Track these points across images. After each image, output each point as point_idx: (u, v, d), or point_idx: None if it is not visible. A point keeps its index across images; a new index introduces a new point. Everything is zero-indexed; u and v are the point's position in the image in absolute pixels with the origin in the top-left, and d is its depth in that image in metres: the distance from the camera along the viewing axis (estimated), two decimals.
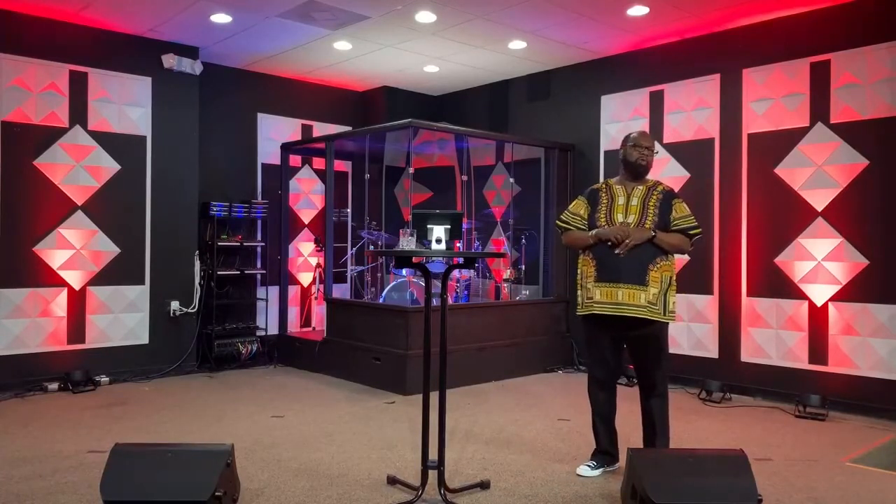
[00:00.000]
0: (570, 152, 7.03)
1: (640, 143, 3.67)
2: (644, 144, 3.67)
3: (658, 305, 3.50)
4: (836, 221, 5.25)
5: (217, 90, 7.04)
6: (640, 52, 6.49)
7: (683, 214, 3.62)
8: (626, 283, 3.49)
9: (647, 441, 3.71)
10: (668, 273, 3.55)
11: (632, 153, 3.67)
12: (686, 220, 3.61)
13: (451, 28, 5.95)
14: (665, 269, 3.54)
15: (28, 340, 5.70)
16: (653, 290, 3.48)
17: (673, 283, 3.58)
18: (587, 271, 3.66)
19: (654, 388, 3.64)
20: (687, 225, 3.60)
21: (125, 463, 3.01)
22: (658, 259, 3.52)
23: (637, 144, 3.67)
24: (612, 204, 3.65)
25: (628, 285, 3.49)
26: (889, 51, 5.03)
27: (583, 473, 3.68)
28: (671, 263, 3.59)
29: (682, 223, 3.59)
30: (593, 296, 3.59)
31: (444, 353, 3.40)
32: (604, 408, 3.74)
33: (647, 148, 3.66)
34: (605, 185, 3.76)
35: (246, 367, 6.83)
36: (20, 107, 5.65)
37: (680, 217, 3.60)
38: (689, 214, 3.64)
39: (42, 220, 5.77)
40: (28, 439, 4.28)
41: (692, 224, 3.61)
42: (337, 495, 3.36)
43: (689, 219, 3.62)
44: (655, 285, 3.49)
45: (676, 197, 3.68)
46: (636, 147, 3.66)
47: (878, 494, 3.47)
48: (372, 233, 7.04)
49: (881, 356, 5.03)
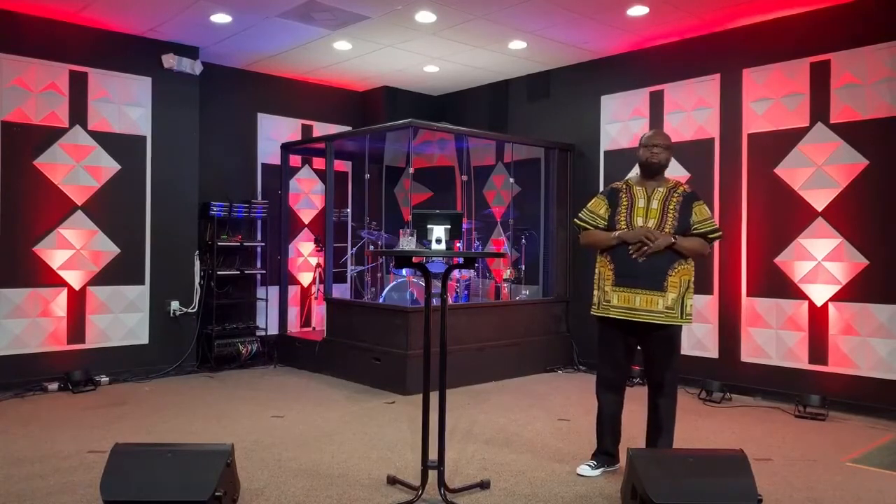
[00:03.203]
0: (570, 152, 7.03)
1: (650, 143, 3.63)
2: (654, 143, 3.62)
3: (675, 310, 3.49)
4: (836, 221, 5.25)
5: (217, 90, 7.04)
6: (640, 52, 6.49)
7: (703, 218, 3.57)
8: (644, 289, 3.47)
9: (650, 439, 3.70)
10: (686, 277, 3.53)
11: (643, 153, 3.65)
12: (705, 224, 3.56)
13: (451, 28, 5.95)
14: (684, 274, 3.51)
15: (28, 340, 5.69)
16: (671, 295, 3.46)
17: (691, 287, 3.56)
18: (605, 273, 3.62)
19: (663, 388, 3.62)
20: (706, 229, 3.55)
21: (125, 463, 3.01)
22: (676, 264, 3.49)
23: (647, 144, 3.64)
24: (632, 206, 3.60)
25: (646, 291, 3.47)
26: (889, 51, 5.03)
27: (583, 473, 3.68)
28: (690, 267, 3.55)
29: (701, 227, 3.54)
30: (610, 299, 3.56)
31: (444, 353, 3.40)
32: (612, 408, 3.73)
33: (655, 146, 3.60)
34: (626, 185, 3.70)
35: (246, 367, 6.83)
36: (20, 107, 5.65)
37: (700, 220, 3.55)
38: (709, 217, 3.59)
39: (42, 220, 5.77)
40: (28, 439, 4.28)
41: (711, 227, 3.57)
42: (337, 495, 3.36)
43: (709, 222, 3.58)
44: (674, 290, 3.47)
45: (697, 199, 3.61)
46: (646, 147, 3.63)
47: (877, 494, 3.47)
48: (372, 233, 7.04)
49: (881, 356, 5.03)
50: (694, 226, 3.54)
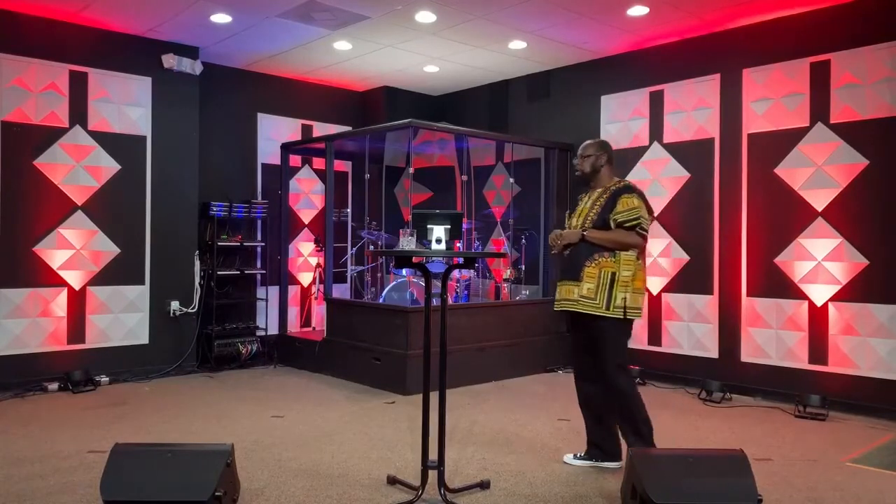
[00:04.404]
0: (570, 152, 7.02)
1: (577, 155, 3.87)
2: (578, 154, 3.86)
3: (597, 300, 3.59)
4: (836, 221, 5.25)
5: (217, 90, 7.04)
6: (640, 52, 6.49)
7: (624, 209, 3.62)
8: (566, 280, 3.75)
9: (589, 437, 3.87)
10: (609, 269, 3.60)
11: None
12: (622, 215, 3.61)
13: (451, 28, 5.95)
14: (605, 266, 3.61)
15: (28, 340, 5.70)
16: (587, 285, 3.62)
17: (620, 280, 3.58)
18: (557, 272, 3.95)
19: (604, 380, 3.72)
20: (622, 219, 3.61)
21: (125, 463, 3.01)
22: (596, 255, 3.62)
23: (576, 156, 3.89)
24: (574, 210, 3.90)
25: (566, 282, 3.75)
26: (889, 51, 5.03)
27: (566, 461, 3.88)
28: (616, 260, 3.60)
29: (619, 217, 3.61)
30: (557, 294, 3.86)
31: (444, 353, 3.40)
32: (581, 397, 3.89)
33: (577, 157, 3.86)
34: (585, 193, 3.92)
35: (246, 367, 6.83)
36: (20, 107, 5.65)
37: (619, 211, 3.62)
38: (631, 208, 3.61)
39: (42, 220, 5.77)
40: (28, 439, 4.28)
41: (627, 217, 3.60)
42: (337, 495, 3.36)
43: (627, 212, 3.61)
44: (591, 280, 3.61)
45: (626, 192, 3.66)
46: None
47: (877, 494, 3.47)
48: (372, 233, 7.04)
49: (881, 356, 5.03)
50: (613, 217, 3.62)
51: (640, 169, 6.44)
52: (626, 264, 3.60)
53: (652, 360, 6.27)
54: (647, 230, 3.66)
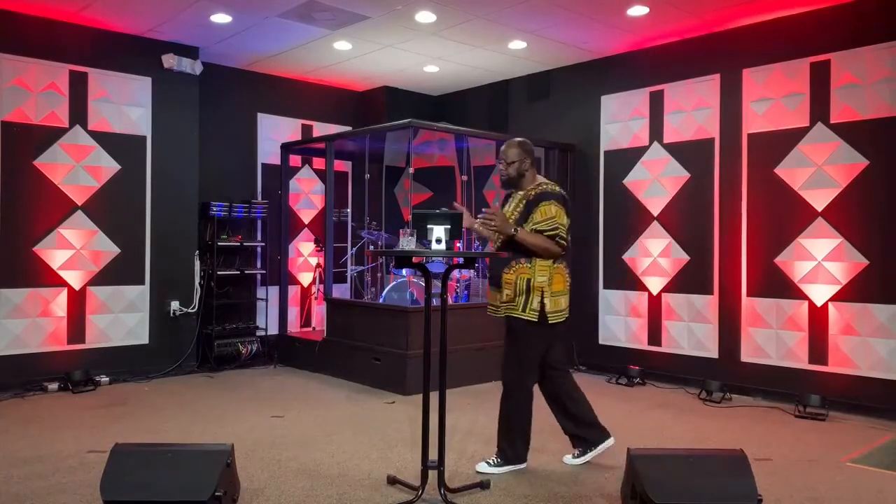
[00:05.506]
0: (570, 152, 7.03)
1: (499, 158, 3.79)
2: (501, 158, 3.77)
3: (515, 303, 3.61)
4: (836, 221, 5.25)
5: (217, 90, 7.04)
6: (640, 52, 6.48)
7: (543, 218, 3.57)
8: (491, 286, 3.80)
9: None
10: (525, 275, 3.58)
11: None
12: (542, 224, 3.56)
13: (451, 28, 5.95)
14: (521, 272, 3.59)
15: (28, 340, 5.69)
16: (506, 291, 3.63)
17: (536, 286, 3.57)
18: None
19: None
20: (541, 228, 3.56)
21: (125, 463, 3.01)
22: (514, 263, 3.62)
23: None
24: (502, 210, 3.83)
25: (491, 288, 3.80)
26: (889, 51, 5.03)
27: (565, 461, 3.91)
28: (532, 267, 3.58)
29: (538, 227, 3.56)
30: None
31: (444, 353, 3.40)
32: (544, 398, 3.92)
33: (501, 160, 3.76)
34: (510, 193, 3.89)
35: (246, 367, 6.83)
36: (20, 107, 5.65)
37: (538, 221, 3.57)
38: (551, 217, 3.56)
39: (42, 220, 5.77)
40: (28, 439, 4.28)
41: (545, 227, 3.55)
42: (337, 495, 3.36)
43: (547, 222, 3.56)
44: (509, 287, 3.63)
45: (545, 200, 3.60)
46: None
47: (877, 494, 3.47)
48: (372, 233, 7.04)
49: (881, 356, 5.03)
50: (531, 227, 3.57)
51: (641, 169, 6.45)
52: (541, 269, 3.59)
53: (652, 359, 6.27)
54: (566, 238, 3.61)
